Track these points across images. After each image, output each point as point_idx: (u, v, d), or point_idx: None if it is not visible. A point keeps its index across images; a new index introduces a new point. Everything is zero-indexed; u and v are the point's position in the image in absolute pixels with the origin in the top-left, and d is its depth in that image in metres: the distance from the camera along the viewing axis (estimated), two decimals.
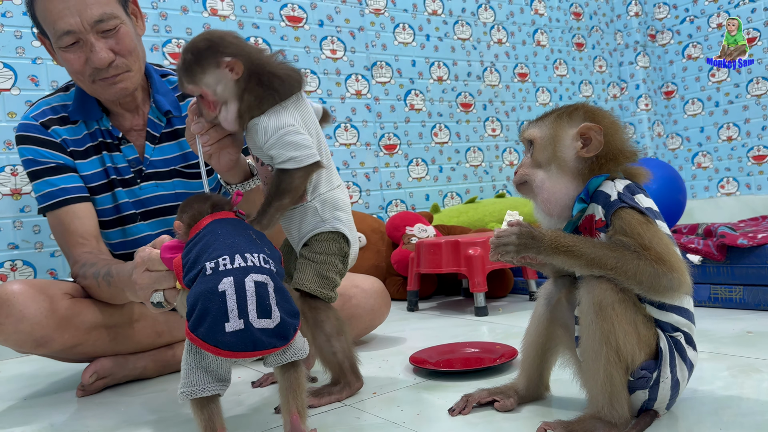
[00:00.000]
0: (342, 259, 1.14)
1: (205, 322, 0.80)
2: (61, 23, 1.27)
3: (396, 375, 1.27)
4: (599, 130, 0.88)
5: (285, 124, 1.03)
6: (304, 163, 1.03)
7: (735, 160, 3.41)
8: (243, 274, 0.82)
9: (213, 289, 0.81)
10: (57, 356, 1.40)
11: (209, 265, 0.84)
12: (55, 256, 1.99)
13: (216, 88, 1.04)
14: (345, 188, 1.18)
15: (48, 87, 2.00)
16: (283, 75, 1.05)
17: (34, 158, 1.40)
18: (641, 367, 0.84)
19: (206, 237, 0.89)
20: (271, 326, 0.81)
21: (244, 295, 0.80)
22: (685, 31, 3.58)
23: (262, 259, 0.86)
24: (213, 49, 1.03)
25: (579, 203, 0.88)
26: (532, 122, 0.96)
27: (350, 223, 1.16)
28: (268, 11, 2.49)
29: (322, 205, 1.11)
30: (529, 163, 0.93)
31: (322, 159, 1.08)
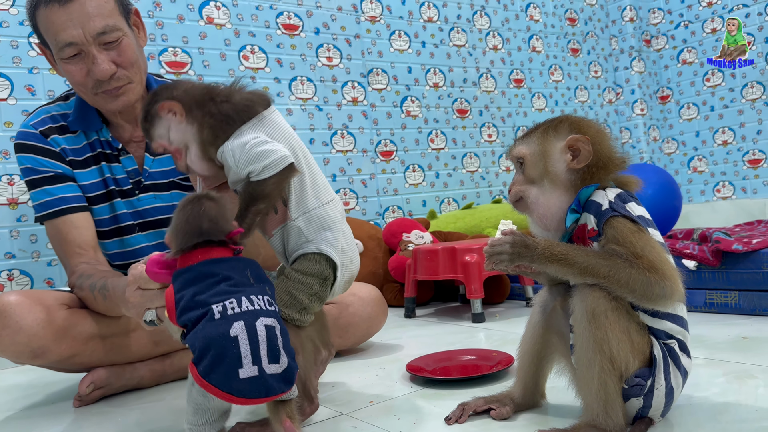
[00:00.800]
0: (321, 282, 1.04)
1: (218, 369, 0.79)
2: (64, 35, 1.27)
3: (393, 383, 1.27)
4: (587, 141, 0.88)
5: (249, 139, 0.99)
6: (279, 167, 0.98)
7: (730, 164, 3.43)
8: (253, 318, 0.81)
9: (225, 335, 0.79)
10: (54, 367, 1.40)
11: (216, 308, 0.82)
12: (52, 265, 1.99)
13: (169, 137, 1.05)
14: (338, 203, 1.10)
15: (45, 97, 2.00)
16: (239, 101, 1.04)
17: (32, 167, 1.40)
18: (635, 374, 0.84)
19: (202, 278, 0.86)
20: (279, 371, 0.82)
21: (257, 340, 0.80)
22: (679, 36, 3.60)
23: (266, 302, 0.85)
24: (152, 101, 1.05)
25: (571, 214, 0.88)
26: (518, 140, 0.96)
27: (341, 243, 1.07)
28: (264, 19, 2.50)
29: (308, 224, 1.04)
30: (521, 180, 0.94)
31: (304, 171, 1.04)
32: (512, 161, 0.97)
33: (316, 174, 1.08)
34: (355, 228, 2.35)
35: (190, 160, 1.05)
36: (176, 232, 0.90)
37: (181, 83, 1.08)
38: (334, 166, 2.65)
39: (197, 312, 0.82)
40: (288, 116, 2.53)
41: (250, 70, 2.45)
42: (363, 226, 2.43)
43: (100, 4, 1.29)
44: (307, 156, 1.08)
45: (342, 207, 1.12)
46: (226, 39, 2.40)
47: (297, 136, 1.08)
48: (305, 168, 1.05)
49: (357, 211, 2.70)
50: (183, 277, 0.87)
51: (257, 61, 2.47)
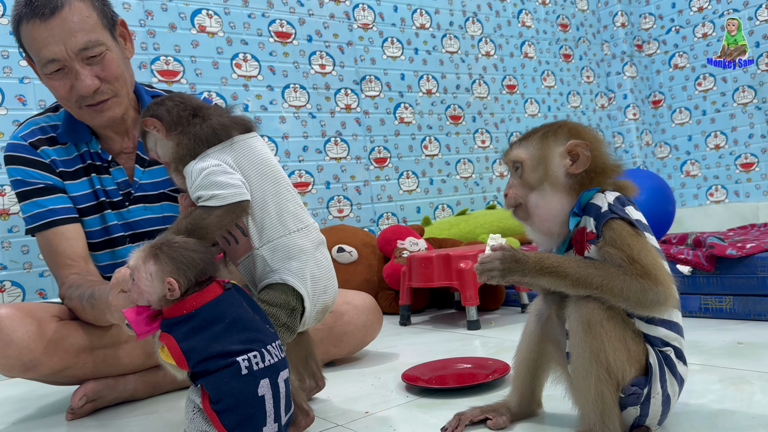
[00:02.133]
0: (288, 313, 1.01)
1: (246, 427, 0.83)
2: (46, 51, 1.26)
3: (388, 393, 1.26)
4: (586, 146, 0.89)
5: (209, 165, 1.00)
6: (227, 201, 0.98)
7: (723, 168, 3.44)
8: (275, 374, 0.86)
9: (254, 394, 0.83)
10: (46, 380, 1.39)
11: (243, 363, 0.83)
12: (44, 276, 1.97)
13: (157, 150, 1.08)
14: (310, 231, 1.07)
15: (35, 106, 1.99)
16: (215, 123, 1.04)
17: (22, 179, 1.39)
18: (632, 383, 0.84)
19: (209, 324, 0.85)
20: (290, 415, 0.89)
21: (279, 398, 0.86)
22: (671, 41, 3.62)
23: (279, 347, 0.89)
24: (143, 114, 1.08)
25: (573, 217, 0.88)
26: (516, 144, 0.96)
27: (309, 273, 1.04)
28: (256, 27, 2.49)
29: (272, 253, 1.02)
30: (519, 184, 0.93)
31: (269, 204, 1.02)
32: (508, 165, 0.96)
33: (285, 201, 1.05)
34: (349, 235, 2.36)
35: (171, 174, 1.07)
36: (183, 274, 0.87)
37: (172, 99, 1.08)
38: (328, 173, 2.64)
39: (219, 362, 0.83)
40: (281, 124, 2.53)
41: (243, 78, 2.45)
42: (357, 233, 2.42)
43: (83, 19, 1.27)
44: (278, 182, 1.05)
45: (316, 234, 1.08)
46: (218, 47, 2.39)
47: (271, 163, 1.06)
48: (271, 197, 1.03)
49: (351, 218, 2.69)
50: (187, 326, 0.85)
51: (250, 69, 2.47)
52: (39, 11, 1.24)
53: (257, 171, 1.03)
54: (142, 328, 0.86)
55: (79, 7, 1.27)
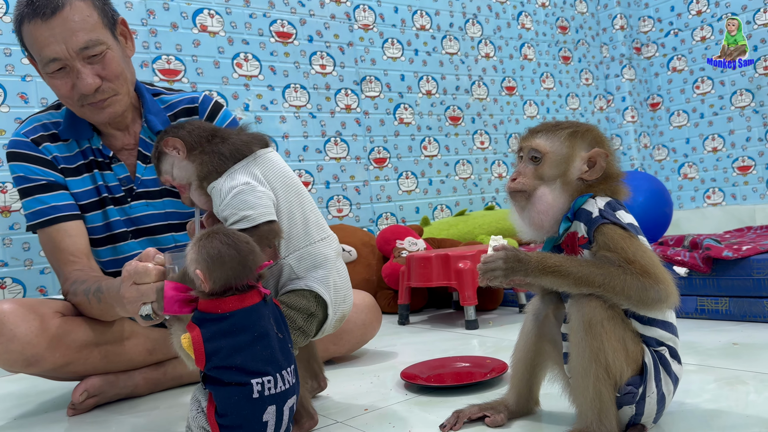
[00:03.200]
0: (305, 317, 1.04)
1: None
2: (47, 51, 1.27)
3: (387, 391, 1.27)
4: (605, 157, 0.90)
5: (239, 183, 1.02)
6: (256, 222, 1.00)
7: (720, 170, 3.46)
8: (283, 401, 0.88)
9: (259, 419, 0.86)
10: (48, 375, 1.40)
11: (256, 386, 0.86)
12: (45, 273, 1.98)
13: (173, 173, 1.10)
14: (332, 240, 1.11)
15: (37, 104, 2.00)
16: (235, 141, 1.08)
17: (25, 175, 1.40)
18: (627, 382, 0.85)
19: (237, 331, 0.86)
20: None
21: (281, 424, 0.88)
22: (669, 44, 3.64)
23: (293, 372, 0.91)
24: (161, 137, 1.10)
25: (565, 222, 0.90)
26: (539, 132, 0.94)
27: (333, 281, 1.08)
28: (257, 27, 2.50)
29: (298, 262, 1.06)
30: (532, 173, 0.93)
31: (295, 214, 1.06)
32: (523, 150, 0.95)
33: (308, 212, 1.09)
34: (348, 235, 2.38)
35: (192, 194, 1.09)
36: (216, 279, 0.86)
37: (190, 124, 1.13)
38: (328, 173, 2.66)
39: (234, 377, 0.85)
40: (282, 123, 2.54)
41: (244, 77, 2.46)
42: (356, 233, 2.44)
43: (83, 18, 1.28)
44: (301, 194, 1.10)
45: (337, 244, 1.13)
46: (219, 47, 2.41)
47: (292, 175, 1.10)
48: (296, 207, 1.07)
49: (350, 218, 2.70)
50: (217, 327, 0.86)
51: (251, 68, 2.48)
52: (40, 11, 1.26)
53: (282, 183, 1.07)
54: (172, 305, 0.87)
55: (80, 6, 1.28)
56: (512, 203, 0.96)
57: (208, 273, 0.85)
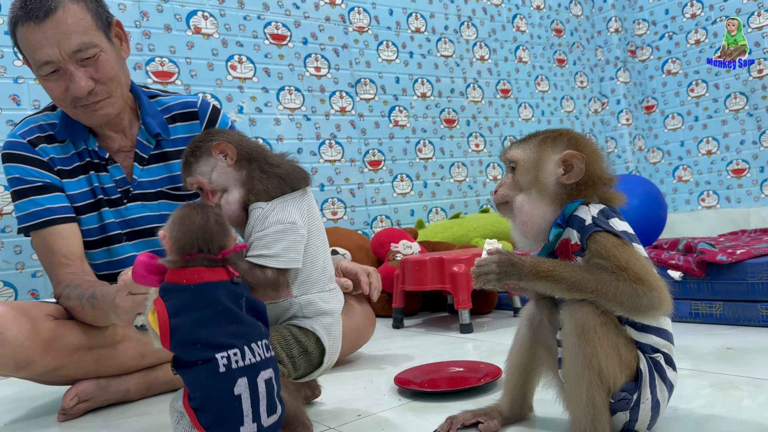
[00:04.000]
0: (301, 352, 1.06)
1: (222, 426, 0.82)
2: (40, 54, 1.27)
3: (381, 396, 1.27)
4: (582, 158, 0.89)
5: (287, 220, 1.02)
6: (284, 266, 1.01)
7: (715, 173, 3.47)
8: (255, 373, 0.84)
9: (229, 393, 0.82)
10: (39, 379, 1.39)
11: (222, 360, 0.82)
12: (36, 276, 1.97)
13: (211, 176, 1.08)
14: (339, 293, 1.13)
15: (30, 106, 1.99)
16: (288, 168, 1.08)
17: (21, 176, 1.39)
18: (622, 388, 0.85)
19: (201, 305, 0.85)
20: (276, 419, 0.86)
21: (257, 399, 0.84)
22: (664, 47, 3.65)
23: (264, 347, 0.88)
24: (206, 139, 1.09)
25: (555, 228, 0.89)
26: (516, 143, 0.97)
27: (335, 332, 1.10)
28: (252, 29, 2.50)
29: (308, 304, 1.07)
30: (510, 183, 0.95)
31: (319, 258, 1.08)
32: (505, 163, 0.97)
33: (327, 260, 1.11)
34: (343, 238, 2.37)
35: (226, 201, 1.07)
36: (175, 239, 0.88)
37: (233, 133, 1.14)
38: (322, 175, 2.65)
39: (199, 353, 0.83)
40: (276, 126, 2.53)
41: (238, 79, 2.45)
42: (351, 236, 2.43)
43: (77, 21, 1.27)
44: (325, 240, 1.12)
45: (342, 298, 1.14)
46: (213, 49, 2.40)
47: (320, 219, 1.12)
48: (321, 253, 1.09)
49: (345, 220, 2.70)
50: (179, 297, 0.85)
51: (245, 71, 2.47)
52: (33, 14, 1.25)
53: (316, 226, 1.09)
54: (140, 270, 0.86)
55: (73, 9, 1.28)
56: (500, 214, 0.97)
57: (169, 232, 0.87)
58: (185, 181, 1.11)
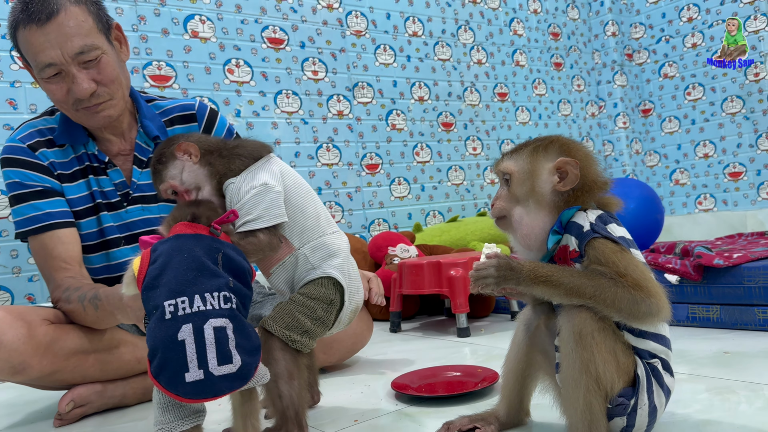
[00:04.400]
0: (325, 307, 1.08)
1: (166, 371, 0.81)
2: (43, 56, 1.27)
3: (378, 401, 1.26)
4: (576, 164, 0.89)
5: (258, 184, 1.05)
6: (271, 223, 1.04)
7: (712, 176, 3.47)
8: (202, 320, 0.83)
9: (173, 338, 0.81)
10: (34, 384, 1.38)
11: (168, 308, 0.83)
12: (33, 280, 1.96)
13: (182, 177, 1.10)
14: (343, 235, 1.16)
15: (27, 110, 1.99)
16: (246, 143, 1.12)
17: (20, 181, 1.39)
18: (619, 394, 0.85)
19: (169, 254, 0.89)
20: (233, 371, 0.83)
21: (204, 345, 0.81)
22: (661, 50, 3.66)
23: (222, 298, 0.86)
24: (168, 144, 1.12)
25: (553, 235, 0.89)
26: (507, 154, 0.96)
27: (347, 270, 1.12)
28: (249, 33, 2.50)
29: (313, 251, 1.09)
30: (506, 196, 0.94)
31: (307, 207, 1.10)
32: (498, 176, 0.97)
33: (319, 207, 1.13)
34: None
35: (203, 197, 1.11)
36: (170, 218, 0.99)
37: (193, 134, 1.17)
38: (320, 179, 2.65)
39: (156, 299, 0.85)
40: (273, 130, 2.53)
41: (235, 83, 2.45)
42: (349, 239, 2.42)
43: (78, 24, 1.28)
44: (310, 192, 1.14)
45: (347, 239, 1.16)
46: (211, 53, 2.40)
47: (300, 177, 1.15)
48: (308, 202, 1.11)
49: (343, 224, 2.69)
50: (160, 248, 0.91)
51: (242, 74, 2.47)
52: (35, 17, 1.26)
53: (293, 181, 1.12)
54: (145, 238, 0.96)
55: (75, 11, 1.28)
56: (499, 229, 0.97)
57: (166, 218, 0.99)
58: (159, 189, 1.14)
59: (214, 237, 0.94)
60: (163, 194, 1.13)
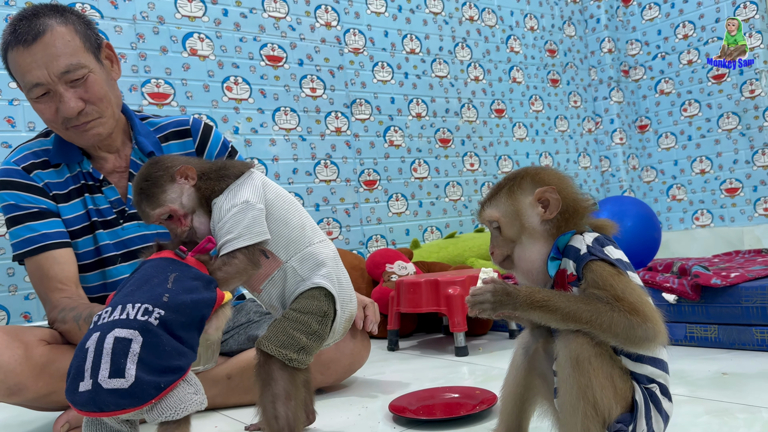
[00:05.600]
0: (319, 320, 1.06)
1: (68, 378, 0.81)
2: (30, 76, 1.29)
3: (375, 423, 1.26)
4: (553, 190, 0.89)
5: (239, 201, 1.05)
6: (252, 241, 1.03)
7: (708, 192, 3.49)
8: (108, 329, 0.81)
9: (82, 345, 0.82)
10: (30, 405, 1.37)
11: (96, 318, 0.86)
12: (29, 299, 1.95)
13: (181, 200, 1.08)
14: (330, 243, 1.14)
15: (25, 128, 1.99)
16: (226, 163, 1.12)
17: (16, 203, 1.39)
18: (617, 420, 0.84)
19: (130, 276, 0.94)
20: (124, 386, 0.78)
21: (100, 354, 0.79)
22: (657, 67, 3.68)
23: (142, 310, 0.83)
24: (163, 167, 1.09)
25: (552, 261, 0.89)
26: (486, 203, 0.95)
27: (336, 278, 1.10)
28: (248, 51, 2.51)
29: (301, 263, 1.08)
30: (501, 241, 0.94)
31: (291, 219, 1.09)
32: (485, 225, 0.97)
33: (304, 218, 1.12)
34: None
35: (199, 222, 1.09)
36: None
37: (176, 157, 1.16)
38: (318, 195, 2.65)
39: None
40: (271, 146, 2.54)
41: (234, 101, 2.46)
42: (346, 256, 2.42)
43: (65, 43, 1.30)
44: (293, 203, 1.13)
45: (334, 248, 1.15)
46: (209, 70, 2.41)
47: (283, 190, 1.14)
48: (291, 214, 1.10)
49: (340, 240, 2.69)
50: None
51: (241, 92, 2.48)
52: (22, 38, 1.28)
53: (275, 193, 1.10)
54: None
55: (61, 32, 1.31)
56: (504, 270, 0.98)
57: None
58: (151, 214, 1.08)
59: (176, 261, 0.93)
60: (155, 218, 1.09)
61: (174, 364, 0.82)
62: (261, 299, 1.12)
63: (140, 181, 1.09)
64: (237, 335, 1.57)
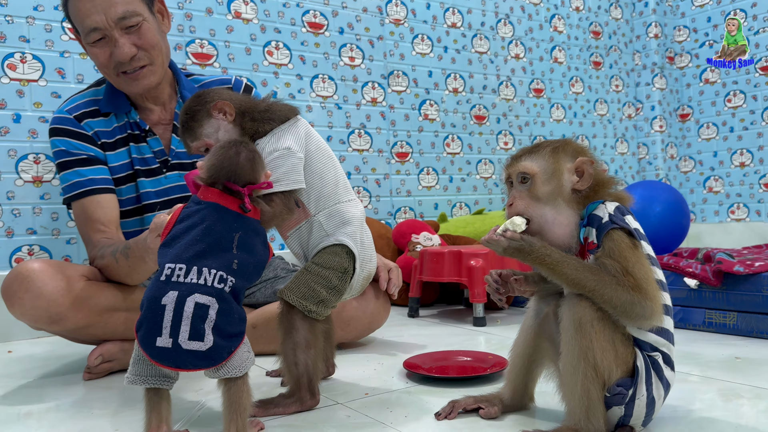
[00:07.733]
0: (339, 275, 1.12)
1: (143, 329, 0.86)
2: (89, 21, 1.39)
3: (389, 378, 1.31)
4: (591, 164, 0.92)
5: (281, 147, 1.08)
6: (288, 188, 1.06)
7: (746, 186, 3.42)
8: (188, 292, 0.86)
9: (158, 300, 0.86)
10: (68, 335, 1.47)
11: (167, 270, 0.88)
12: (71, 243, 2.05)
13: (217, 136, 1.12)
14: (359, 203, 1.18)
15: (74, 80, 2.07)
16: (275, 106, 1.14)
17: (66, 149, 1.49)
18: (617, 383, 0.87)
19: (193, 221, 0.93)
20: (202, 349, 0.85)
21: (180, 316, 0.85)
22: (703, 55, 3.60)
23: (218, 277, 0.89)
24: (201, 102, 1.13)
25: (582, 229, 0.92)
26: (524, 156, 0.96)
27: (360, 238, 1.15)
28: (290, 16, 2.55)
29: (328, 218, 1.13)
30: (527, 195, 0.94)
31: (327, 174, 1.13)
32: (510, 177, 0.97)
33: (339, 174, 1.16)
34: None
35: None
36: (208, 166, 0.97)
37: (224, 90, 1.18)
38: (350, 164, 2.70)
39: (162, 258, 0.91)
40: (308, 113, 2.58)
41: (274, 65, 2.50)
42: (374, 224, 2.47)
43: None
44: (332, 158, 1.17)
45: (362, 208, 1.19)
46: (252, 34, 2.45)
47: (324, 142, 1.18)
48: (328, 168, 1.13)
49: (369, 210, 2.74)
50: (191, 208, 0.95)
51: (281, 57, 2.52)
52: None
53: (316, 146, 1.14)
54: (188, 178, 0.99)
55: None
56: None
57: (206, 161, 0.98)
58: (190, 146, 1.15)
59: (240, 214, 0.95)
60: (194, 150, 1.15)
61: (239, 329, 0.90)
62: (287, 244, 1.18)
63: (183, 113, 1.15)
64: (264, 288, 1.64)
